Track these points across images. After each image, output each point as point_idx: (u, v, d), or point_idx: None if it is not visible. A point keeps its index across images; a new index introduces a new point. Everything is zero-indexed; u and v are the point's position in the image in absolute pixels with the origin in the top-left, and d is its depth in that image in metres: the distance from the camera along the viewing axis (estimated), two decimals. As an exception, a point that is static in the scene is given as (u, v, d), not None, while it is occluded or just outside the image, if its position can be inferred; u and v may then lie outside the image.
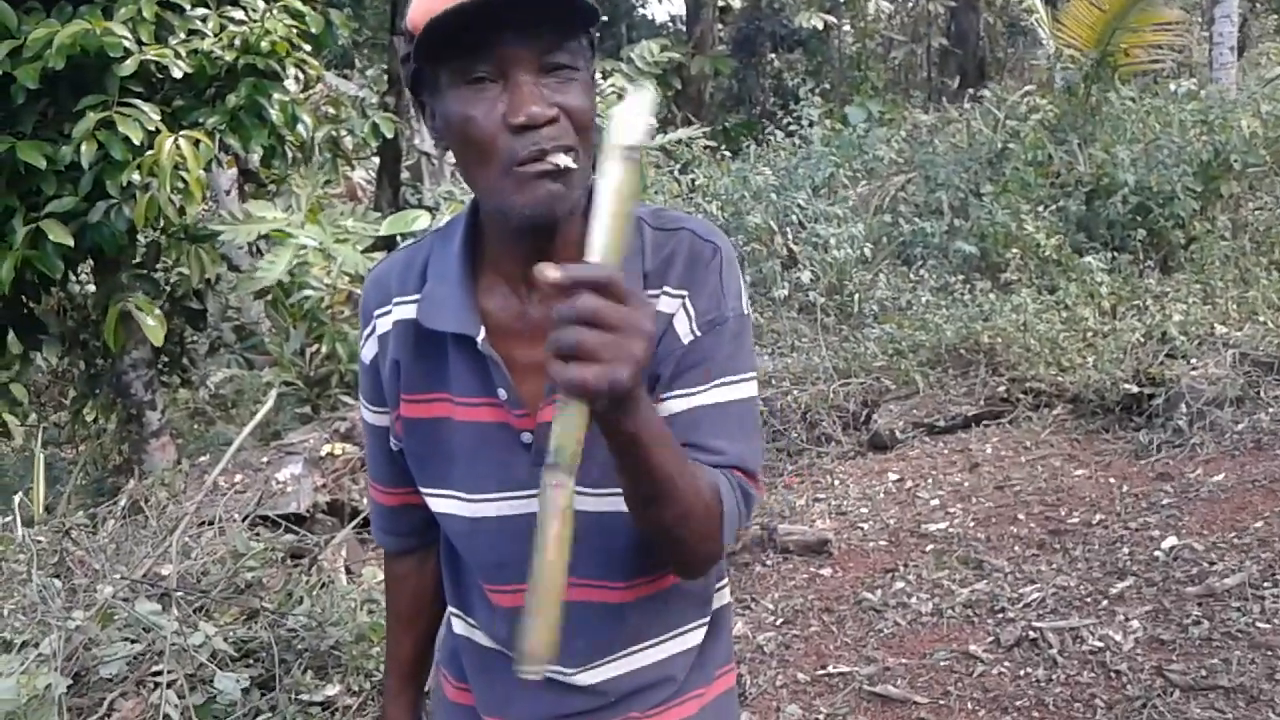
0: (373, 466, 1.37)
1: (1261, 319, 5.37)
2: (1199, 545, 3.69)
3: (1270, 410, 4.67)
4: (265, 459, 4.84)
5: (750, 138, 10.44)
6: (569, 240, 1.13)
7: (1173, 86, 9.31)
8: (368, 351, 1.27)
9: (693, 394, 1.15)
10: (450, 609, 1.36)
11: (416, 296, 1.21)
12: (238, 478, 4.60)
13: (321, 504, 4.65)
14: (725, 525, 1.12)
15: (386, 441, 1.30)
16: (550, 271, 0.85)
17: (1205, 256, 6.29)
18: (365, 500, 4.78)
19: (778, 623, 3.78)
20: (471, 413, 1.19)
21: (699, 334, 1.16)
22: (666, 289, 1.16)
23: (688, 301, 1.15)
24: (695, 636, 1.30)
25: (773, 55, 17.71)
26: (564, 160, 1.05)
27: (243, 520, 3.71)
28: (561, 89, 1.06)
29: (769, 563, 4.28)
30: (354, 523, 4.05)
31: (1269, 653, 3.01)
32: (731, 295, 1.18)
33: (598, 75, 1.28)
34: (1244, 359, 4.98)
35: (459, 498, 1.22)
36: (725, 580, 1.37)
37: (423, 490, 1.26)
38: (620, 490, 1.08)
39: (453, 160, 5.06)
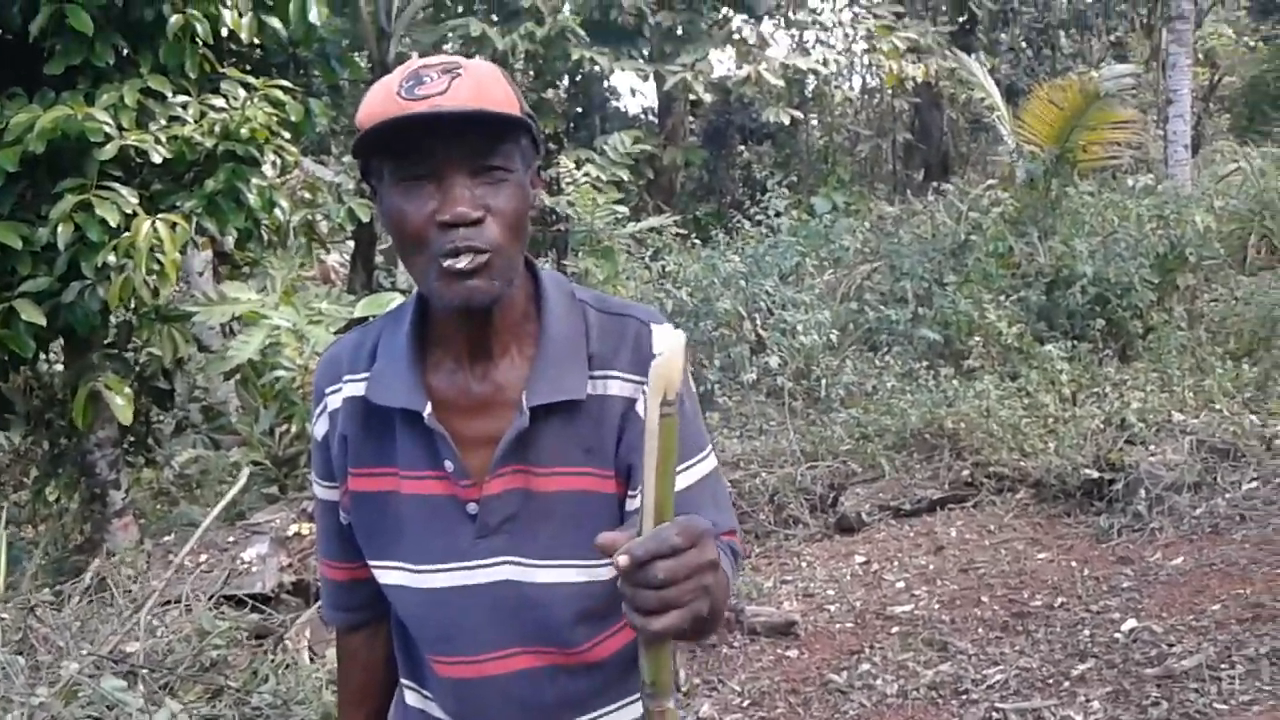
0: (323, 542, 1.40)
1: (1217, 407, 5.49)
2: (1158, 627, 3.74)
3: (1227, 495, 4.76)
4: (231, 538, 4.82)
5: (720, 226, 10.64)
6: (507, 324, 1.23)
7: (1130, 182, 9.63)
8: (319, 428, 1.32)
9: (684, 471, 1.20)
10: (403, 681, 1.38)
11: (365, 375, 1.27)
12: (203, 557, 4.57)
13: (287, 584, 4.62)
14: (731, 592, 1.17)
15: (337, 516, 1.34)
16: (621, 559, 0.91)
17: (1162, 346, 6.44)
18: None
19: (744, 704, 3.78)
20: (418, 485, 1.24)
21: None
22: (615, 372, 1.23)
23: (646, 388, 1.20)
24: (634, 710, 1.32)
25: (742, 147, 18.10)
26: (465, 264, 1.13)
27: (208, 599, 3.69)
28: (492, 191, 1.15)
29: (736, 644, 4.28)
30: (319, 602, 4.02)
31: (1227, 734, 3.05)
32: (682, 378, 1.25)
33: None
34: (1201, 445, 5.08)
35: (406, 569, 1.26)
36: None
37: (371, 563, 1.30)
38: (566, 560, 1.17)
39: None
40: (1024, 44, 17.47)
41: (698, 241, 9.27)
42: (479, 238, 1.13)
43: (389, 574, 1.28)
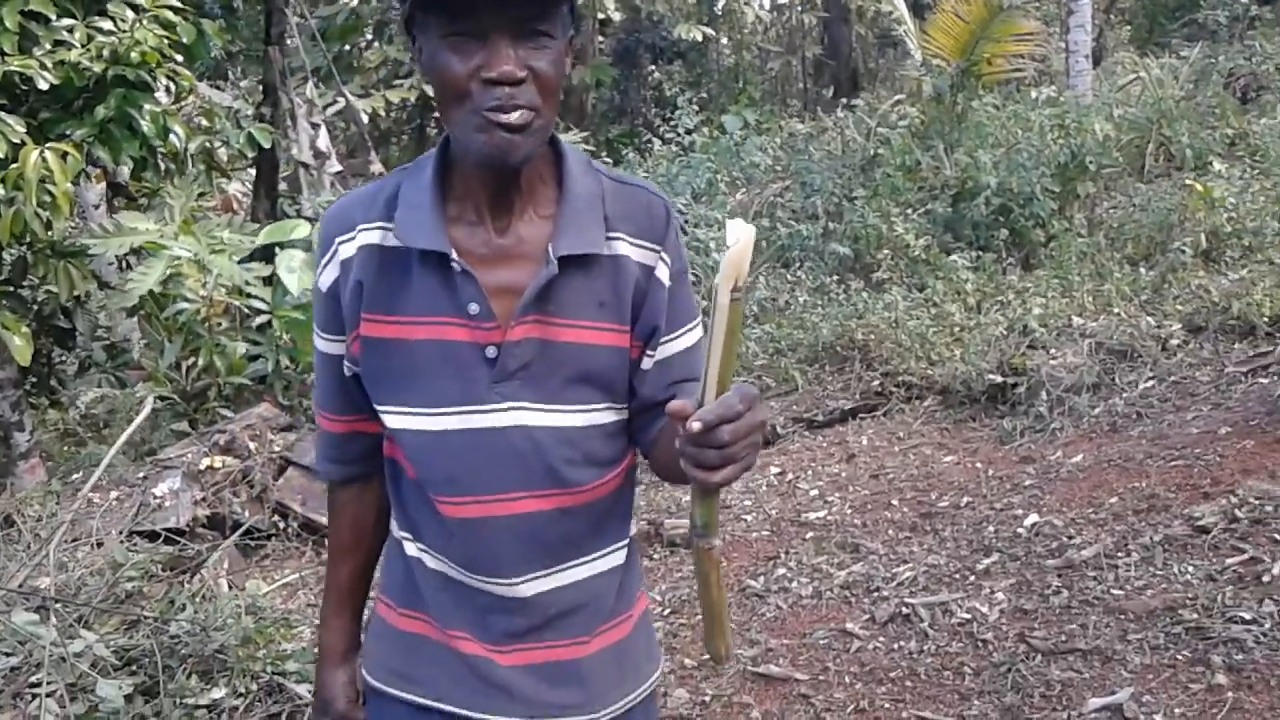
0: (322, 395, 1.43)
1: (1115, 310, 5.67)
2: (1059, 521, 3.89)
3: (1124, 395, 4.95)
4: (141, 474, 4.75)
5: (632, 147, 10.58)
6: (529, 183, 1.29)
7: (1033, 94, 9.77)
8: (326, 278, 1.34)
9: (681, 336, 1.36)
10: (399, 534, 1.41)
11: (382, 223, 1.30)
12: (113, 494, 4.49)
13: (201, 518, 4.58)
14: None
15: (339, 369, 1.37)
16: (693, 424, 1.02)
17: (1063, 253, 6.61)
18: (246, 513, 4.72)
19: (665, 613, 3.86)
20: (435, 330, 1.27)
21: (671, 283, 1.33)
22: (625, 236, 1.31)
23: (663, 254, 1.32)
24: (619, 556, 1.41)
25: (653, 67, 17.94)
26: (517, 118, 1.19)
27: (120, 534, 3.63)
28: (535, 54, 1.20)
29: (656, 556, 4.36)
30: (236, 533, 3.99)
31: (1122, 616, 3.20)
32: (682, 248, 1.37)
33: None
34: (1099, 348, 5.26)
35: (418, 413, 1.29)
36: (635, 511, 1.50)
37: (380, 408, 1.33)
38: (573, 405, 1.29)
39: (332, 170, 5.01)
40: (930, -43, 17.47)
41: (610, 161, 9.21)
42: (521, 96, 1.19)
43: (400, 418, 1.31)
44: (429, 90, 1.27)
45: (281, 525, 4.80)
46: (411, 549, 1.39)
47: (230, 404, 5.79)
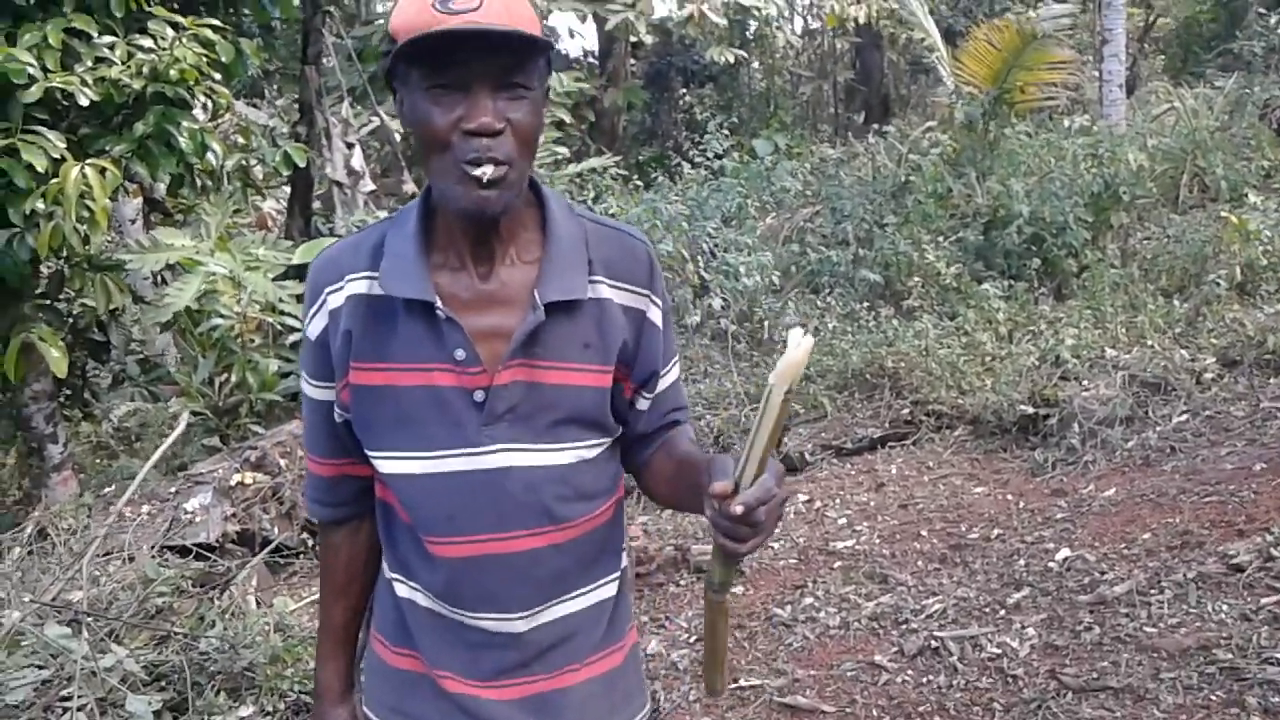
0: (311, 440, 1.45)
1: (1149, 342, 5.63)
2: (1091, 556, 3.85)
3: (1158, 429, 4.90)
4: (173, 489, 4.78)
5: (662, 169, 10.61)
6: (510, 231, 1.33)
7: (1066, 123, 9.74)
8: (315, 327, 1.36)
9: (670, 371, 1.44)
10: (390, 575, 1.43)
11: (369, 273, 1.33)
12: (144, 508, 4.53)
13: (231, 533, 4.60)
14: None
15: (328, 414, 1.39)
16: (735, 508, 1.10)
17: (1096, 284, 6.56)
18: (276, 529, 4.74)
19: (691, 640, 3.84)
20: (423, 377, 1.30)
21: (661, 325, 1.41)
22: (607, 279, 1.35)
23: (654, 298, 1.39)
24: (611, 589, 1.44)
25: (684, 90, 18.00)
26: (491, 173, 1.22)
27: (151, 549, 3.66)
28: (513, 105, 1.23)
29: (682, 582, 4.35)
30: (265, 550, 4.01)
31: (1155, 654, 3.16)
32: (664, 287, 1.43)
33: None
34: (1133, 380, 5.21)
35: (410, 457, 1.32)
36: (626, 543, 1.51)
37: (372, 454, 1.35)
38: (564, 445, 1.33)
39: (365, 189, 5.06)
40: (963, -16, 17.47)
41: (640, 184, 9.24)
42: (499, 149, 1.22)
43: (391, 463, 1.33)
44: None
45: (310, 543, 4.82)
46: (403, 589, 1.41)
47: (262, 420, 5.83)
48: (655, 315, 1.38)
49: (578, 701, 1.40)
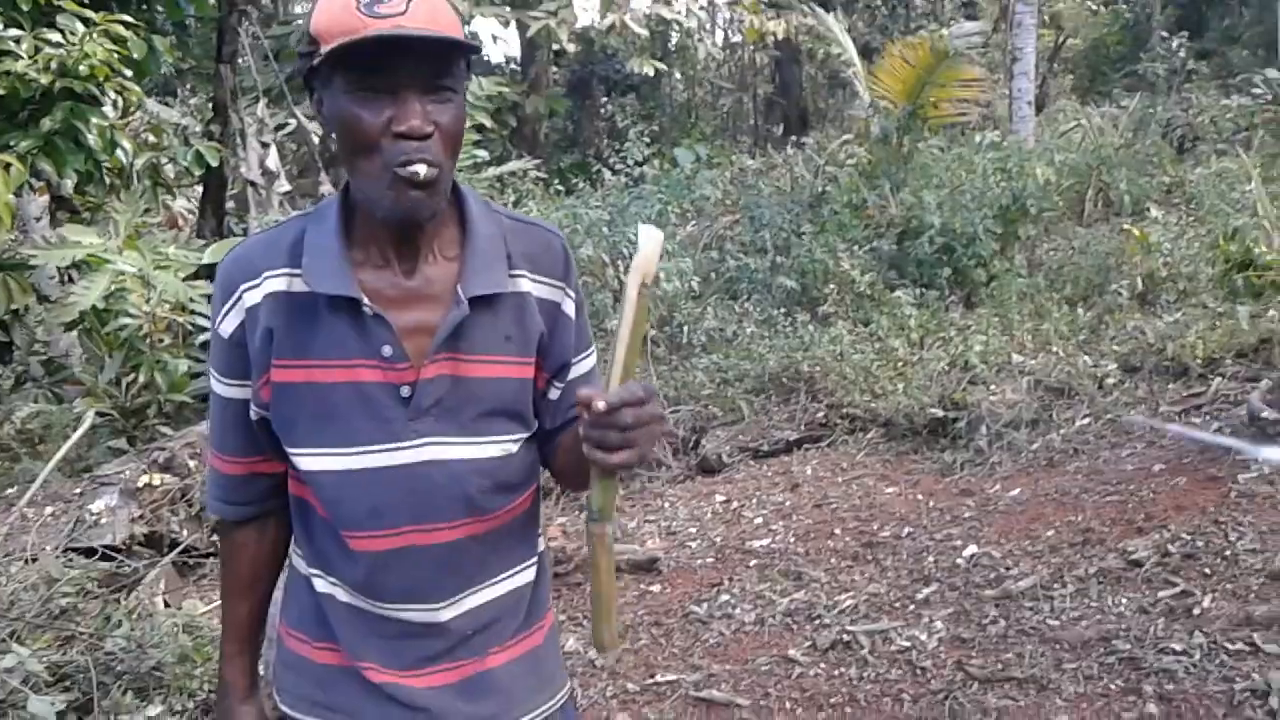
0: (220, 438, 1.43)
1: (1054, 349, 5.80)
2: (996, 553, 3.96)
3: (1061, 431, 5.05)
4: (78, 490, 4.64)
5: (583, 177, 10.63)
6: (435, 226, 1.33)
7: (978, 138, 10.00)
8: (228, 325, 1.34)
9: (583, 360, 1.44)
10: (308, 571, 1.42)
11: (289, 269, 1.32)
12: (48, 510, 4.39)
13: (139, 535, 4.48)
14: None
15: (241, 412, 1.38)
16: (598, 403, 1.13)
17: (1004, 293, 6.75)
18: (184, 532, 4.64)
19: (608, 639, 3.85)
20: (348, 373, 1.30)
21: (574, 316, 1.42)
22: (527, 273, 1.37)
23: (568, 290, 1.41)
24: (530, 573, 1.45)
25: (606, 99, 18.07)
26: (424, 172, 1.23)
27: (55, 550, 3.56)
28: (440, 109, 1.24)
29: (599, 583, 4.35)
30: (174, 552, 3.92)
31: (1057, 646, 3.26)
32: (578, 280, 1.44)
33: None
34: (1038, 385, 5.37)
35: (334, 453, 1.31)
36: (541, 528, 1.52)
37: (292, 451, 1.33)
38: (488, 438, 1.34)
39: (281, 190, 4.97)
40: (879, 1, 17.85)
41: (561, 190, 9.26)
42: (428, 151, 1.23)
43: (314, 460, 1.32)
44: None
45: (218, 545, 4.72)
46: (321, 584, 1.40)
47: (170, 422, 5.69)
48: (569, 307, 1.40)
49: (504, 681, 1.41)
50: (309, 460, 1.33)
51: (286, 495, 1.42)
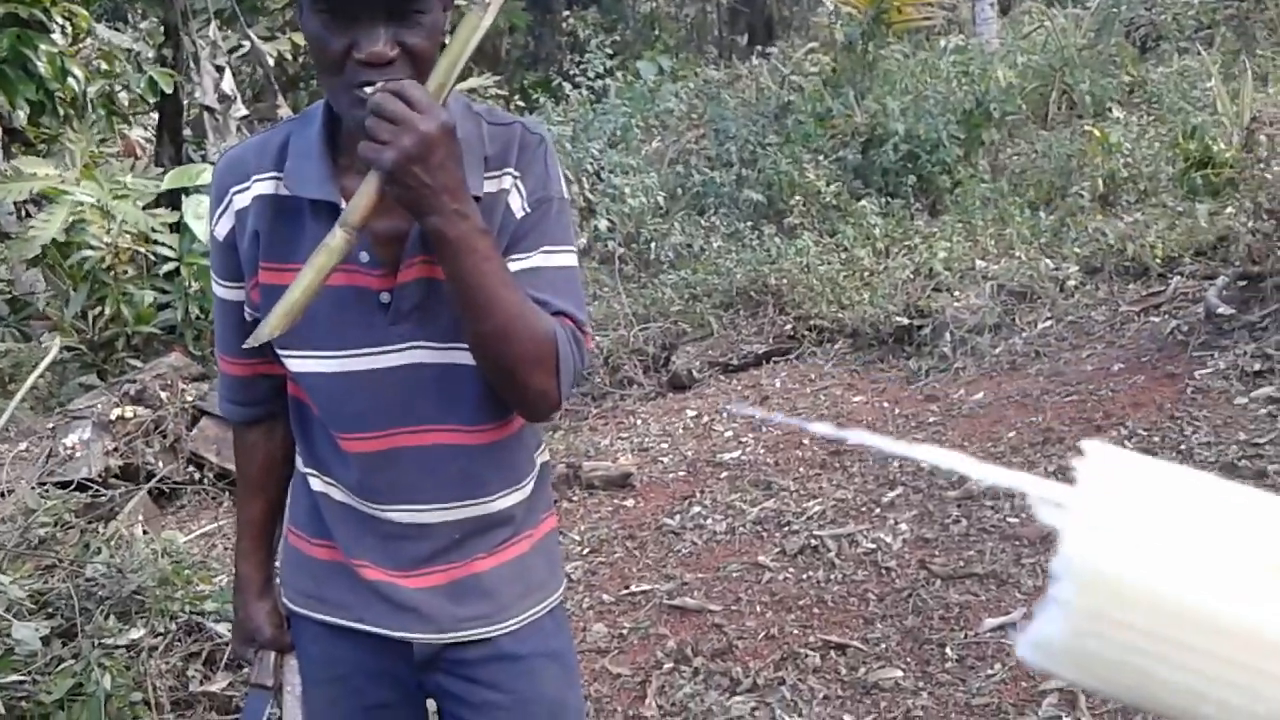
0: (223, 341, 1.46)
1: (1017, 253, 5.85)
2: (960, 455, 4.06)
3: (1023, 335, 5.13)
4: (50, 425, 4.66)
5: (546, 94, 10.51)
6: None
7: (942, 42, 9.92)
8: (222, 228, 1.37)
9: (524, 258, 1.33)
10: (305, 470, 1.47)
11: (274, 174, 1.34)
12: (21, 445, 4.42)
13: (114, 468, 4.52)
14: (561, 363, 1.29)
15: (239, 314, 1.40)
16: (374, 92, 1.14)
17: (967, 199, 6.78)
18: (160, 463, 4.67)
19: (584, 552, 3.95)
20: (330, 277, 1.29)
21: (529, 210, 1.34)
22: (508, 170, 1.34)
23: (519, 182, 1.34)
24: (524, 491, 1.47)
25: (567, 12, 17.73)
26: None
27: (31, 483, 3.59)
28: (407, 31, 1.21)
29: (575, 499, 4.44)
30: (151, 481, 3.96)
31: (1017, 542, 3.38)
32: (554, 179, 1.38)
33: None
34: (1001, 290, 5.44)
35: (320, 356, 1.34)
36: (544, 444, 1.54)
37: (282, 353, 1.36)
38: (464, 344, 1.30)
39: (238, 114, 4.87)
40: (843, -96, 17.50)
41: (523, 107, 9.15)
42: (392, 74, 1.20)
43: (301, 362, 1.35)
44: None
45: (197, 476, 4.77)
46: (317, 484, 1.45)
47: (139, 354, 5.69)
48: (514, 199, 1.33)
49: (490, 585, 1.44)
50: (298, 363, 1.36)
51: None
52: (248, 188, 1.35)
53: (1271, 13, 9.22)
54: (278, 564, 1.59)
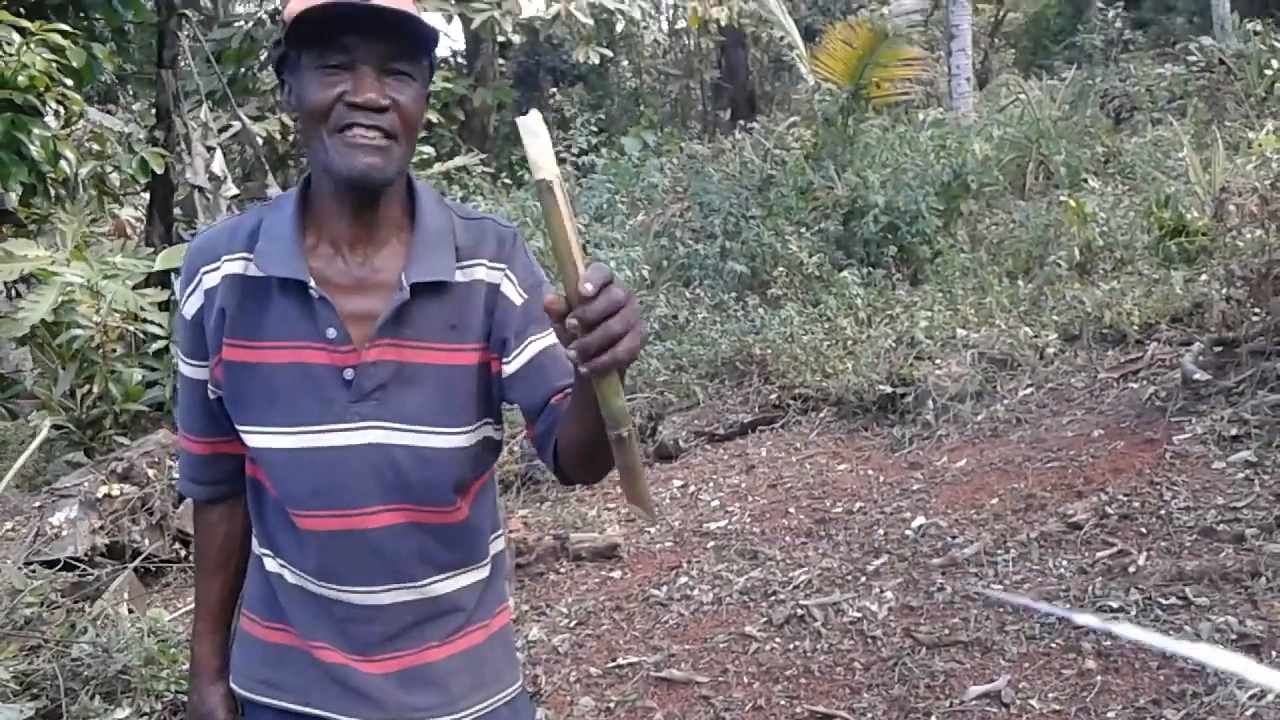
0: (186, 419, 1.50)
1: (997, 322, 5.94)
2: (944, 522, 4.09)
3: (1005, 402, 5.19)
4: (37, 504, 4.66)
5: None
6: (388, 216, 1.38)
7: (920, 116, 10.14)
8: (190, 307, 1.41)
9: (542, 338, 1.39)
10: (259, 550, 1.48)
11: (245, 254, 1.38)
12: (8, 524, 4.41)
13: (100, 546, 4.51)
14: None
15: (203, 393, 1.44)
16: (587, 285, 1.03)
17: (947, 268, 6.89)
18: (146, 541, 4.66)
19: (571, 624, 3.94)
20: (295, 354, 1.35)
21: (526, 296, 1.41)
22: (482, 261, 1.40)
23: (509, 274, 1.41)
24: (481, 572, 1.49)
25: (554, 89, 18.06)
26: (376, 138, 1.29)
27: (17, 563, 3.58)
28: (398, 88, 1.31)
29: (562, 570, 4.44)
30: (137, 560, 3.95)
31: (1000, 609, 3.39)
32: (536, 266, 1.45)
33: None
34: (982, 357, 5.51)
35: (279, 431, 1.37)
36: (501, 531, 1.56)
37: (241, 429, 1.40)
38: (429, 427, 1.35)
39: (228, 194, 4.99)
40: (821, -18, 17.98)
41: (510, 183, 9.29)
42: (382, 121, 1.29)
43: (261, 438, 1.38)
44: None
45: (182, 553, 4.75)
46: (272, 564, 1.46)
47: (127, 431, 5.70)
48: (509, 289, 1.39)
49: (442, 675, 1.44)
50: (257, 438, 1.38)
51: None
52: (217, 267, 1.39)
53: (1241, 84, 9.46)
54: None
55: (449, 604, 1.45)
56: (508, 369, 1.40)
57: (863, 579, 3.79)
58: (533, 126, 1.06)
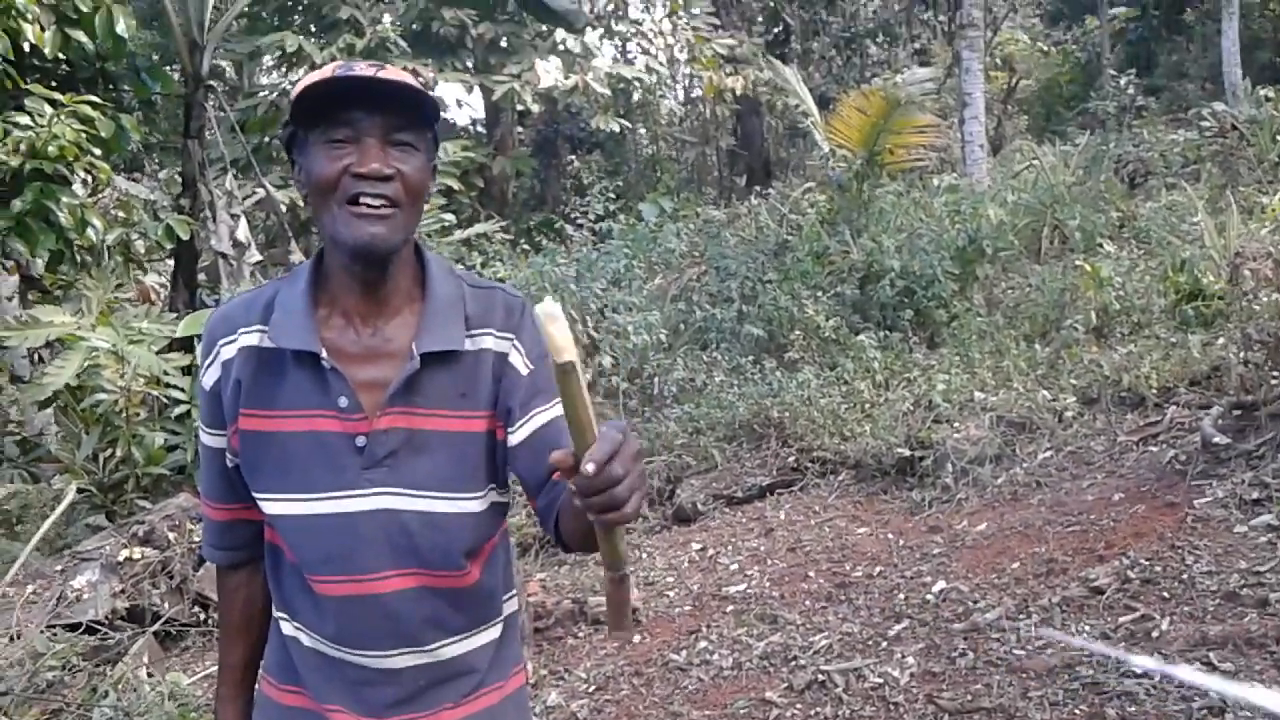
0: (207, 486, 1.53)
1: (1014, 385, 5.94)
2: (965, 587, 4.06)
3: (1024, 465, 5.18)
4: (59, 567, 4.68)
5: (550, 235, 10.80)
6: (398, 286, 1.42)
7: (935, 181, 10.23)
8: (209, 378, 1.45)
9: (547, 409, 1.42)
10: (277, 614, 1.51)
11: (260, 326, 1.42)
12: (30, 588, 4.42)
13: (121, 610, 4.51)
14: None
15: (222, 461, 1.47)
16: (587, 466, 1.06)
17: (964, 332, 6.91)
18: (166, 604, 4.67)
19: (590, 690, 3.92)
20: (308, 423, 1.39)
21: (532, 366, 1.43)
22: (490, 330, 1.43)
23: (517, 344, 1.44)
24: (493, 633, 1.51)
25: (572, 157, 18.32)
26: (380, 206, 1.33)
27: (38, 626, 3.60)
28: (402, 159, 1.35)
29: (580, 634, 4.42)
30: (157, 623, 3.96)
31: (1023, 675, 3.36)
32: (541, 337, 1.44)
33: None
34: (1000, 421, 5.50)
35: (293, 498, 1.40)
36: (514, 591, 1.58)
37: (258, 496, 1.43)
38: (441, 493, 1.38)
39: (252, 260, 5.08)
40: (834, 52, 18.25)
41: (529, 249, 9.40)
42: (386, 189, 1.33)
43: (276, 504, 1.41)
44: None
45: (202, 616, 4.76)
46: (288, 628, 1.48)
47: (149, 495, 5.74)
48: (516, 359, 1.42)
49: None
50: (272, 505, 1.41)
51: None
52: (235, 339, 1.43)
53: (1254, 150, 9.52)
54: None
55: (462, 666, 1.47)
56: (512, 439, 1.42)
57: (884, 644, 3.76)
58: (552, 312, 1.09)
